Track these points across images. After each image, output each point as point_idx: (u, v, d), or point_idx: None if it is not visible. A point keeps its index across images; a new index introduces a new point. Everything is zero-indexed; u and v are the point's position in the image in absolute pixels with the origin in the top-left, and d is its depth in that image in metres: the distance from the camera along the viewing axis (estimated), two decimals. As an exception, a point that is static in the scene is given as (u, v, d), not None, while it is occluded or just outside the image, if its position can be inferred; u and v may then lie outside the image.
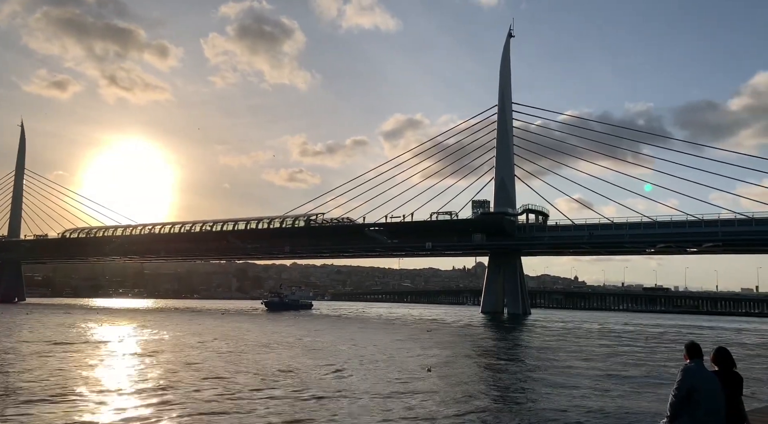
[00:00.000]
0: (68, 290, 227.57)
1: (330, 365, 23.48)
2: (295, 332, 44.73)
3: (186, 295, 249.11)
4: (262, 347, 31.69)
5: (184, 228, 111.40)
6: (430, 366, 22.93)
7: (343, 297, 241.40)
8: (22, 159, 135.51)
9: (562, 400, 16.40)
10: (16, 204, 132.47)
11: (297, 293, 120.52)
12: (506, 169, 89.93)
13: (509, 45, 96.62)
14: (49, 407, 14.76)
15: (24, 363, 23.39)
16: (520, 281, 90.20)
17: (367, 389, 17.85)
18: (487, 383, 20.17)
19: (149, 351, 28.99)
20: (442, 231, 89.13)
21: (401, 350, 31.20)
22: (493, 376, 22.27)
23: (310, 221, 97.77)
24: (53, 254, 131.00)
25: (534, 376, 21.92)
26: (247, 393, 16.92)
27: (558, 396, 16.99)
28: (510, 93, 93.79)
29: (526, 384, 19.97)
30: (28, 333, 40.08)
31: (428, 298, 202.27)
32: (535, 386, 19.24)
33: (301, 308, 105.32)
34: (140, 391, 17.28)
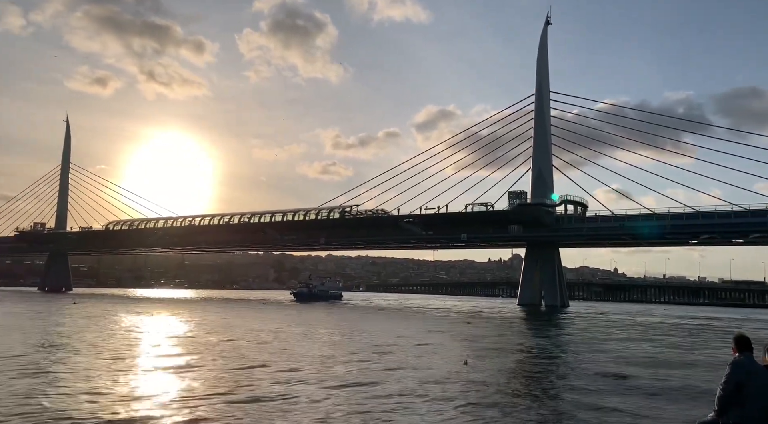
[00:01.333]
0: (112, 280, 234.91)
1: (354, 354, 23.62)
2: (336, 323, 45.12)
3: (225, 285, 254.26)
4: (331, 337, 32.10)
5: (222, 220, 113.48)
6: (467, 358, 22.78)
7: (377, 288, 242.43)
8: (67, 154, 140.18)
9: (604, 399, 16.02)
10: (63, 197, 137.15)
11: (326, 284, 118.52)
12: (544, 159, 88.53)
13: (546, 33, 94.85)
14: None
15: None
16: (558, 272, 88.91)
17: (398, 382, 17.84)
18: (525, 377, 19.93)
19: (256, 342, 29.57)
20: (477, 222, 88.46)
21: (437, 341, 31.13)
22: (531, 370, 22.00)
23: (345, 213, 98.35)
24: (98, 245, 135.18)
25: (574, 371, 21.57)
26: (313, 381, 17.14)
27: (601, 395, 16.59)
28: (548, 82, 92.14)
29: (563, 380, 19.66)
30: (91, 321, 41.55)
31: (463, 290, 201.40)
32: (574, 382, 18.91)
33: (331, 299, 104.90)
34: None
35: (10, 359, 20.57)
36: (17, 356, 21.65)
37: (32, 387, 15.51)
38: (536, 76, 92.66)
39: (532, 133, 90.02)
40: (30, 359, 21.01)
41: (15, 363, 19.71)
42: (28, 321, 41.58)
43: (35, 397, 14.26)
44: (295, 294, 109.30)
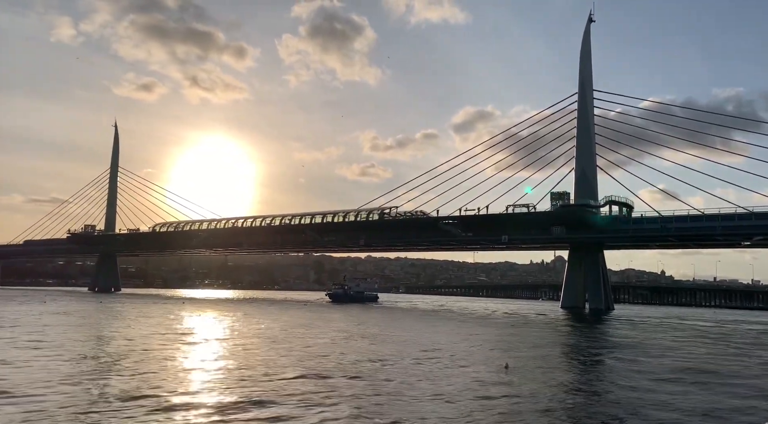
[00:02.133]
0: (159, 281, 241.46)
1: (392, 357, 23.46)
2: (377, 325, 45.11)
3: (266, 286, 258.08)
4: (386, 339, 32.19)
5: (264, 222, 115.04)
6: (507, 363, 22.35)
7: (417, 290, 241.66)
8: (116, 158, 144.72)
9: (654, 410, 15.42)
10: (112, 200, 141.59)
11: (362, 285, 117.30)
12: (587, 159, 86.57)
13: (590, 30, 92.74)
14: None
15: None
16: (603, 275, 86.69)
17: (436, 386, 17.62)
18: (568, 384, 19.39)
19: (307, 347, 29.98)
20: (519, 224, 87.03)
21: (479, 344, 30.71)
22: (575, 377, 21.40)
23: (384, 215, 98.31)
24: (145, 246, 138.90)
25: (621, 377, 20.89)
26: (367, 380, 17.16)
27: (650, 406, 15.97)
28: (591, 80, 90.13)
29: (610, 387, 19.05)
30: (148, 319, 42.76)
31: (504, 292, 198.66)
32: (620, 391, 18.31)
33: (367, 300, 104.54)
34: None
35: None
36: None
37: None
38: (579, 75, 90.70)
39: (575, 133, 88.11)
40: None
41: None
42: (107, 322, 43.00)
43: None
44: (331, 295, 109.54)
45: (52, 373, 18.12)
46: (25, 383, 16.36)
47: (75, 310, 57.21)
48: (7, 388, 15.55)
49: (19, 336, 29.42)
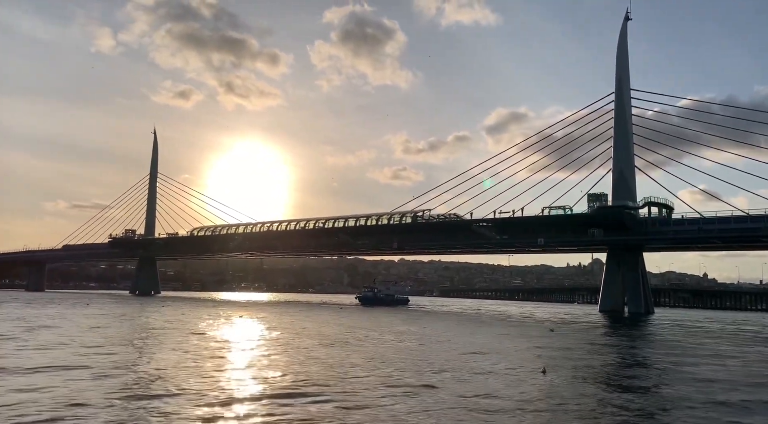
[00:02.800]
0: (197, 284, 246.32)
1: (432, 364, 23.29)
2: (422, 330, 44.98)
3: (301, 289, 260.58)
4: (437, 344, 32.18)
5: (298, 225, 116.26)
6: (545, 367, 21.93)
7: (451, 293, 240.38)
8: (155, 164, 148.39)
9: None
10: (151, 205, 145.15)
11: (392, 288, 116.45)
12: (625, 159, 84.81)
13: (626, 29, 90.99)
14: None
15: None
16: (642, 278, 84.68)
17: (469, 391, 17.40)
18: (608, 390, 18.91)
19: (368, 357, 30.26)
20: (555, 226, 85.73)
21: (518, 349, 30.28)
22: (615, 382, 20.86)
23: (417, 217, 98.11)
24: (183, 250, 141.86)
25: (666, 386, 20.27)
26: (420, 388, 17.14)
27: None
28: (628, 79, 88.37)
29: (655, 398, 18.49)
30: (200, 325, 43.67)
31: (540, 296, 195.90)
32: (665, 402, 17.74)
33: (397, 304, 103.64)
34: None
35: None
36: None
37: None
38: (615, 74, 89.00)
39: (612, 133, 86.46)
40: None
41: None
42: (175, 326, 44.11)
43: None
44: (360, 298, 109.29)
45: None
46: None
47: (130, 314, 58.67)
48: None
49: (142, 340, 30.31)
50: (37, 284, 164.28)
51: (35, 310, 59.55)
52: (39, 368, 19.36)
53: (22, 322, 41.40)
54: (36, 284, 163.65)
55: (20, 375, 18.07)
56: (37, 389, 15.78)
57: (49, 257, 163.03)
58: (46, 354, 23.40)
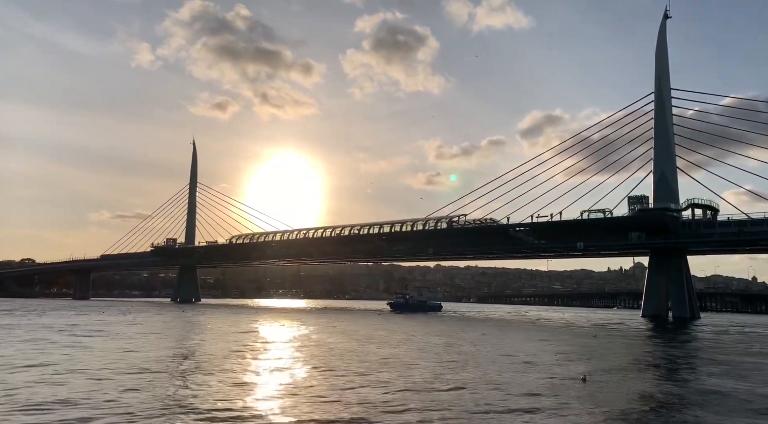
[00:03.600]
0: (235, 291, 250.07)
1: (471, 368, 22.98)
2: (469, 337, 44.62)
3: (338, 295, 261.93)
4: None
5: (333, 232, 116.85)
6: (586, 374, 21.37)
7: (488, 300, 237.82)
8: (194, 174, 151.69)
9: None
10: (191, 214, 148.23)
11: (424, 294, 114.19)
12: (666, 161, 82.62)
13: (665, 27, 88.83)
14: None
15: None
16: (686, 281, 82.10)
17: (508, 398, 17.05)
18: (652, 400, 18.29)
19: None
20: (594, 230, 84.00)
21: (559, 355, 29.65)
22: (660, 390, 20.17)
23: (452, 223, 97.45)
24: (222, 258, 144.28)
25: (713, 396, 19.51)
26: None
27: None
28: (668, 79, 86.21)
29: (702, 409, 17.79)
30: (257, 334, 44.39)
31: (581, 301, 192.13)
32: (716, 411, 17.05)
33: (429, 310, 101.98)
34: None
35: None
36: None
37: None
38: (655, 73, 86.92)
39: (652, 134, 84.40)
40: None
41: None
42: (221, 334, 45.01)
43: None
44: (392, 304, 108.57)
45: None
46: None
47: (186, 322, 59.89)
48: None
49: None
50: (83, 292, 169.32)
51: (88, 317, 61.45)
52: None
53: (103, 332, 42.68)
54: (82, 293, 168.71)
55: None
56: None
57: (94, 265, 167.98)
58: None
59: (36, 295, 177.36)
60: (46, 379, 18.97)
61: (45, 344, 31.21)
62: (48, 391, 16.76)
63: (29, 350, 27.98)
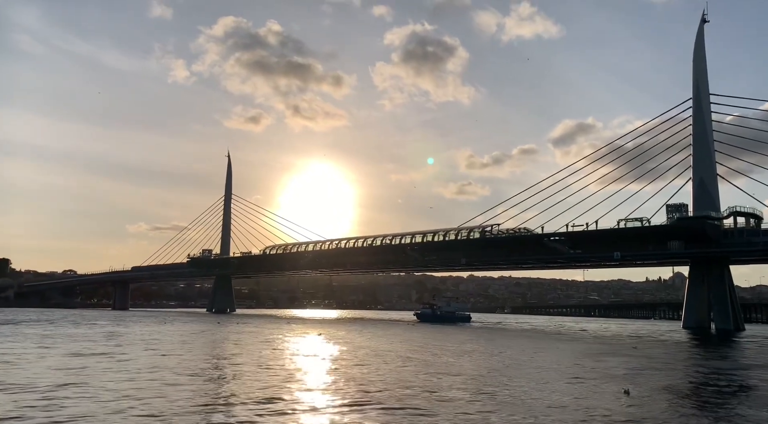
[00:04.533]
0: (269, 301, 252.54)
1: (511, 381, 22.69)
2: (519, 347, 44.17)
3: (370, 306, 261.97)
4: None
5: (365, 242, 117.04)
6: (629, 389, 20.87)
7: (523, 310, 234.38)
8: (229, 185, 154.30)
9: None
10: (226, 225, 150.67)
11: (452, 305, 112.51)
12: (706, 168, 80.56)
13: (703, 31, 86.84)
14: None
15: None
16: (730, 292, 79.53)
17: (543, 411, 16.78)
18: (699, 416, 17.76)
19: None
20: (632, 239, 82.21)
21: (600, 367, 29.06)
22: (707, 407, 19.58)
23: (485, 233, 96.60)
24: (256, 268, 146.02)
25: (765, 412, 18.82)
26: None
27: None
28: (706, 84, 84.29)
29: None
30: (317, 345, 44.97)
31: (618, 312, 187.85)
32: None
33: (458, 321, 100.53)
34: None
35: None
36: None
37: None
38: (693, 79, 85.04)
39: (690, 141, 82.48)
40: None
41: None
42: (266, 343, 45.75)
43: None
44: (418, 315, 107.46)
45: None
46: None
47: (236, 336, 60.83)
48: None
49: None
50: (122, 302, 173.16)
51: (147, 327, 62.92)
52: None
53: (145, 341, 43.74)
54: (121, 303, 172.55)
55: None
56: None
57: (133, 276, 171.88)
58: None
59: (77, 305, 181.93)
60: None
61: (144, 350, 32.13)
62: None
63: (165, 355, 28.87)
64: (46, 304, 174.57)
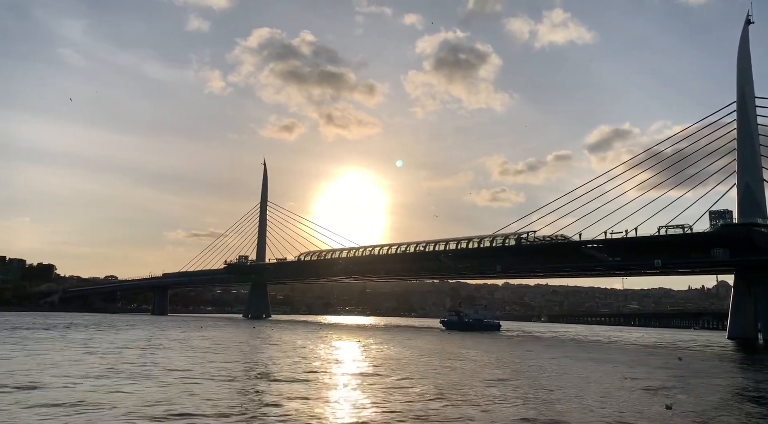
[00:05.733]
0: (304, 307, 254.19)
1: (551, 392, 22.13)
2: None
3: (404, 313, 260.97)
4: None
5: (399, 249, 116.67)
6: (671, 403, 20.06)
7: (560, 319, 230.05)
8: (265, 193, 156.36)
9: None
10: (262, 232, 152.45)
11: (480, 312, 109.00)
12: (751, 173, 77.76)
13: (747, 33, 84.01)
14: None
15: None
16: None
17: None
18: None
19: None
20: (673, 247, 79.72)
21: (639, 379, 28.15)
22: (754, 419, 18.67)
23: (521, 240, 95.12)
24: (291, 275, 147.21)
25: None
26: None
27: None
28: (752, 86, 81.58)
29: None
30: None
31: (660, 321, 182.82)
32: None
33: (486, 329, 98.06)
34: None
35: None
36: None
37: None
38: (737, 82, 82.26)
39: (734, 146, 79.76)
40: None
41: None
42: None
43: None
44: (444, 323, 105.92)
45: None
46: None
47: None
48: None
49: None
50: (161, 307, 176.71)
51: (187, 333, 64.17)
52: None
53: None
54: (161, 308, 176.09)
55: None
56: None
57: (172, 282, 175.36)
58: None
59: (117, 310, 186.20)
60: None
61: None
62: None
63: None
64: (89, 308, 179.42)
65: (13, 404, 17.05)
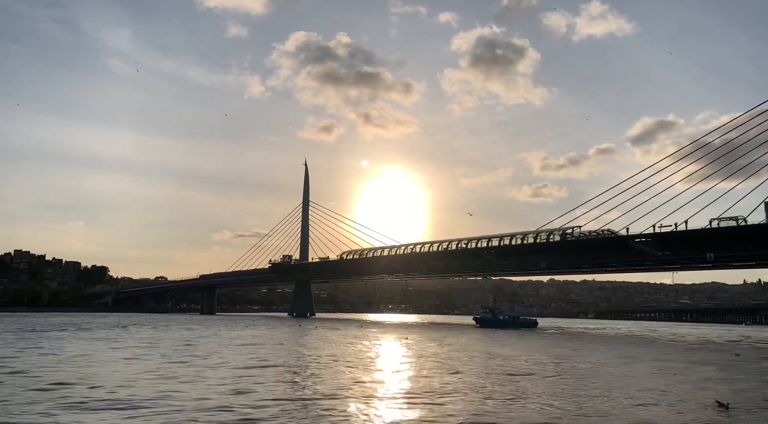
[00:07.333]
0: (347, 306, 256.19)
1: (597, 391, 21.67)
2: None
3: (446, 311, 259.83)
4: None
5: (441, 246, 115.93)
6: (729, 402, 19.34)
7: (608, 315, 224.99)
8: (307, 193, 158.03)
9: None
10: (305, 231, 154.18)
11: (516, 309, 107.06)
12: (810, 160, 73.98)
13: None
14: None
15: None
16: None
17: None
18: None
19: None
20: (727, 240, 76.70)
21: (689, 378, 27.28)
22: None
23: (566, 235, 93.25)
24: (334, 273, 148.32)
25: None
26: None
27: None
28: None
29: None
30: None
31: (713, 316, 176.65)
32: None
33: (522, 326, 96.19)
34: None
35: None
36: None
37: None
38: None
39: (792, 131, 76.03)
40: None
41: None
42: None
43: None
44: (478, 320, 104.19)
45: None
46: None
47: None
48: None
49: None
50: (210, 307, 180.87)
51: (262, 331, 65.84)
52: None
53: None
54: (209, 307, 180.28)
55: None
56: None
57: (220, 282, 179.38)
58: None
59: (168, 310, 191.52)
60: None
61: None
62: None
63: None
64: (140, 309, 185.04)
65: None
